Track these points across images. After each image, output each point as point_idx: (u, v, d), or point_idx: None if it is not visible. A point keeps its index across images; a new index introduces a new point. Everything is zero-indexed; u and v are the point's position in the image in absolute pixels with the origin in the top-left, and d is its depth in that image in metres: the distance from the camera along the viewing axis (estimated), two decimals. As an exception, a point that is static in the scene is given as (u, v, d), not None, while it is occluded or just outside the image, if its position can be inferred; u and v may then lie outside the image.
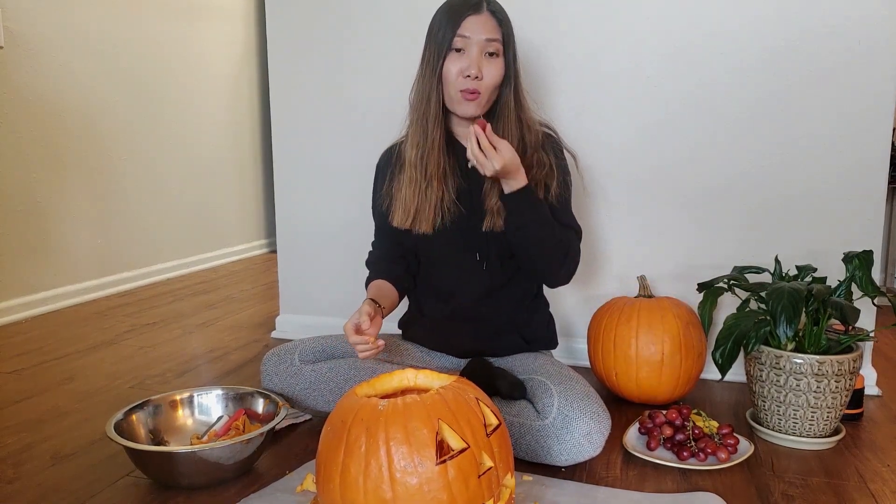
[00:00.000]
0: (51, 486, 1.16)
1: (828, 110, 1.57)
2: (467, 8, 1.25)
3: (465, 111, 1.28)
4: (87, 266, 2.67)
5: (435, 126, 1.30)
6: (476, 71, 1.24)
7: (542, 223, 1.26)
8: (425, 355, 1.49)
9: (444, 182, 1.32)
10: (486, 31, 1.25)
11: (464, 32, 1.24)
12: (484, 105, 1.29)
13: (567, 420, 1.16)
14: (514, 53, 1.30)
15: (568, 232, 1.34)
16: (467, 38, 1.24)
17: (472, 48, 1.24)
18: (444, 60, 1.26)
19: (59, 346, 2.02)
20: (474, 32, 1.24)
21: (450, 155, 1.34)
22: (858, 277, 1.32)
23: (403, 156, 1.35)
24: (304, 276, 2.06)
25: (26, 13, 2.36)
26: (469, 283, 1.39)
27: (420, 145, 1.31)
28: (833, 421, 1.30)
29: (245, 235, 3.76)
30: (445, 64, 1.26)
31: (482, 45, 1.25)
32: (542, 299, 1.50)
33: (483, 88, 1.26)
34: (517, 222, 1.26)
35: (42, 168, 2.45)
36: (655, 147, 1.69)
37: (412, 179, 1.33)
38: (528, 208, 1.24)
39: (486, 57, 1.26)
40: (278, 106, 2.00)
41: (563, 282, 1.36)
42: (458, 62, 1.25)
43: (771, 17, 1.57)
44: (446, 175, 1.32)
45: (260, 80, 3.81)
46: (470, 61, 1.24)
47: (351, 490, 0.83)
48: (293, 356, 1.39)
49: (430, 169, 1.31)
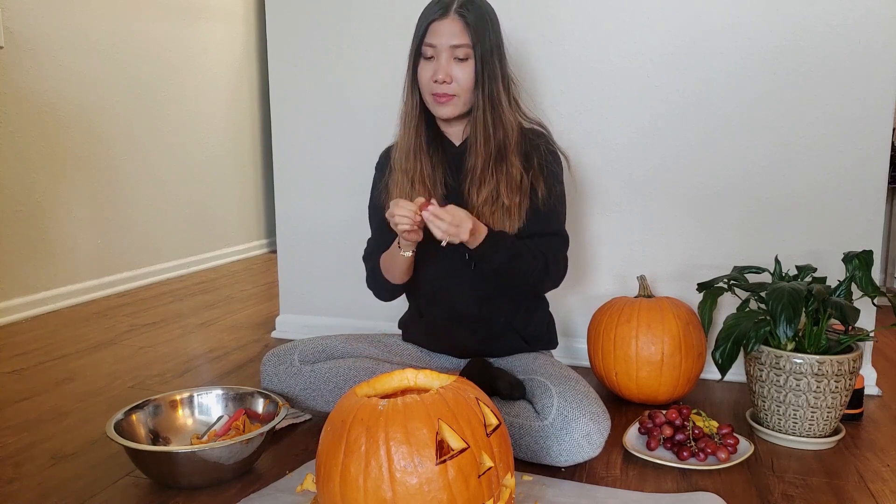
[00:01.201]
0: (51, 486, 1.16)
1: (828, 110, 1.57)
2: (434, 12, 1.26)
3: (440, 113, 1.30)
4: (87, 266, 2.67)
5: (417, 131, 1.33)
6: (443, 76, 1.25)
7: (513, 257, 1.27)
8: (425, 355, 1.49)
9: (429, 185, 1.33)
10: (452, 37, 1.25)
11: (430, 40, 1.26)
12: (460, 107, 1.30)
13: (566, 421, 1.15)
14: (489, 53, 1.27)
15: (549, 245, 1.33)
16: (433, 46, 1.26)
17: (441, 53, 1.26)
18: (416, 67, 1.30)
19: (59, 346, 2.02)
20: (440, 39, 1.25)
21: (435, 156, 1.35)
22: (858, 277, 1.32)
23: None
24: (304, 276, 2.06)
25: (26, 13, 2.36)
26: (461, 285, 1.39)
27: (404, 150, 1.35)
28: (833, 421, 1.30)
29: (245, 235, 3.76)
30: (418, 70, 1.30)
31: (449, 52, 1.25)
32: (542, 299, 1.50)
33: (458, 91, 1.27)
34: (487, 267, 1.28)
35: (42, 168, 2.45)
36: (655, 147, 1.69)
37: (397, 182, 1.35)
38: (492, 254, 1.25)
39: (456, 61, 1.26)
40: (278, 106, 2.00)
41: (550, 289, 1.39)
42: (427, 69, 1.28)
43: (771, 17, 1.57)
44: (432, 178, 1.34)
45: (260, 80, 3.81)
46: (438, 66, 1.26)
47: (351, 490, 0.83)
48: (293, 357, 1.39)
49: (412, 174, 1.33)
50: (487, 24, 1.28)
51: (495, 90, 1.29)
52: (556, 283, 1.36)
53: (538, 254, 1.30)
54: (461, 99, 1.28)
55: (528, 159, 1.33)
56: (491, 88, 1.28)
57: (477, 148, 1.30)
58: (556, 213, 1.36)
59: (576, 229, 1.77)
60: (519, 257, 1.28)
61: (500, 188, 1.29)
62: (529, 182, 1.32)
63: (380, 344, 1.49)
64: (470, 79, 1.27)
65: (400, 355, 1.47)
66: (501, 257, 1.26)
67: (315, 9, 1.91)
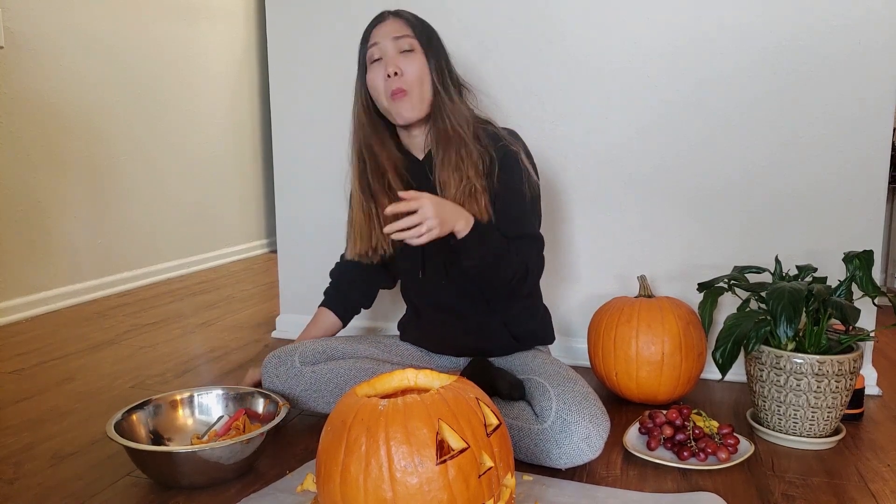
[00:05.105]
0: (51, 486, 1.16)
1: (828, 110, 1.57)
2: (373, 22, 1.33)
3: (400, 113, 1.30)
4: (87, 266, 2.67)
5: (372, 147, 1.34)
6: (394, 67, 1.27)
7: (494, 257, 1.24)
8: (425, 355, 1.49)
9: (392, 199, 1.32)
10: (394, 31, 1.29)
11: (373, 40, 1.30)
12: (417, 104, 1.29)
13: (565, 424, 1.15)
14: (436, 50, 1.31)
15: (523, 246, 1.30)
16: (378, 43, 1.29)
17: (387, 50, 1.29)
18: (366, 74, 1.31)
19: (59, 346, 2.02)
20: (382, 36, 1.29)
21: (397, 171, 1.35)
22: (859, 277, 1.32)
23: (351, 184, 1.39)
24: (304, 276, 2.06)
25: (26, 13, 2.36)
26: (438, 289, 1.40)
27: (360, 170, 1.35)
28: (833, 421, 1.30)
29: (245, 235, 3.76)
30: (368, 76, 1.31)
31: (394, 45, 1.28)
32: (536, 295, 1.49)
33: (408, 85, 1.28)
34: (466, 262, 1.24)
35: (42, 168, 2.45)
36: (655, 146, 1.69)
37: (360, 204, 1.36)
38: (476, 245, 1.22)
39: (403, 55, 1.28)
40: (278, 106, 2.00)
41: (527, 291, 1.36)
42: (378, 69, 1.30)
43: (771, 17, 1.57)
44: (392, 192, 1.33)
45: (260, 80, 3.82)
46: (387, 61, 1.28)
47: (351, 490, 0.83)
48: (294, 358, 1.39)
49: (375, 189, 1.34)
50: (428, 28, 1.33)
51: (450, 87, 1.32)
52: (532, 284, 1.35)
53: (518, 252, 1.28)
54: (414, 94, 1.28)
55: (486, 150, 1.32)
56: (444, 80, 1.31)
57: (447, 136, 1.29)
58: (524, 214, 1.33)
59: (576, 229, 1.78)
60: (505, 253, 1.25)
61: (470, 174, 1.28)
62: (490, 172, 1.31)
63: (380, 344, 1.49)
64: (418, 70, 1.28)
65: (400, 356, 1.47)
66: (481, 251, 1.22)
67: (315, 9, 1.91)
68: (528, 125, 1.72)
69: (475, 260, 1.23)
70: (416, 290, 1.46)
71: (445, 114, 1.30)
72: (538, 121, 1.75)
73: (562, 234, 1.79)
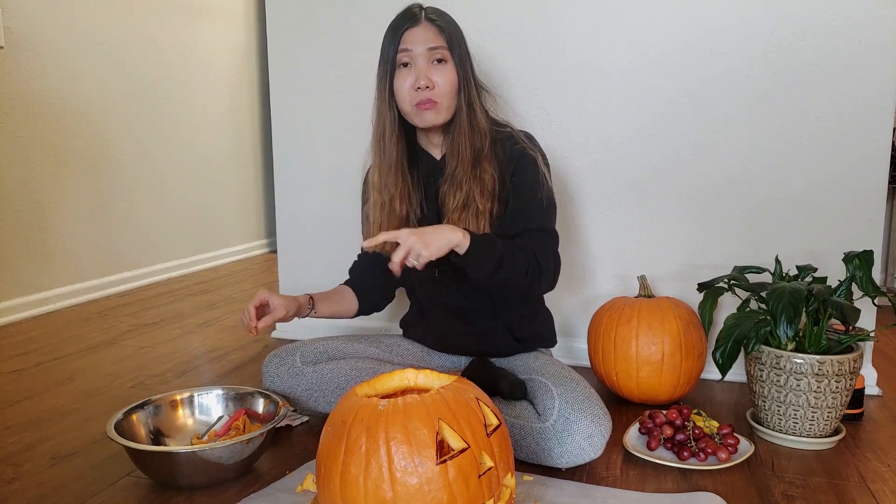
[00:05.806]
0: (51, 486, 1.16)
1: (828, 110, 1.57)
2: (405, 21, 1.26)
3: (424, 121, 1.28)
4: (87, 266, 2.67)
5: (393, 146, 1.31)
6: (425, 81, 1.24)
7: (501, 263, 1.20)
8: (426, 355, 1.49)
9: (408, 200, 1.32)
10: (428, 41, 1.25)
11: (405, 46, 1.25)
12: (444, 112, 1.28)
13: (568, 423, 1.15)
14: (464, 56, 1.28)
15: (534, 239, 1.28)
16: (409, 50, 1.25)
17: (418, 60, 1.25)
18: (392, 78, 1.27)
19: (59, 346, 2.02)
20: (415, 44, 1.25)
21: (414, 172, 1.34)
22: (859, 277, 1.32)
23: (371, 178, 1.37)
24: (304, 276, 2.06)
25: (26, 13, 2.36)
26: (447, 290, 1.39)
27: (381, 168, 1.33)
28: (833, 421, 1.30)
29: (245, 235, 3.76)
30: (395, 81, 1.27)
31: (426, 55, 1.25)
32: (539, 298, 1.49)
33: (439, 97, 1.26)
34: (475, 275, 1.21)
35: (42, 168, 2.45)
36: (655, 146, 1.69)
37: (376, 202, 1.35)
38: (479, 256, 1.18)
39: (434, 65, 1.25)
40: (278, 106, 2.00)
41: (547, 288, 1.31)
42: (406, 77, 1.26)
43: (771, 16, 1.57)
44: (409, 193, 1.33)
45: (260, 80, 3.81)
46: (418, 73, 1.25)
47: (351, 490, 0.83)
48: (294, 357, 1.39)
49: (392, 190, 1.32)
50: (457, 31, 1.29)
51: (473, 94, 1.30)
52: (550, 281, 1.30)
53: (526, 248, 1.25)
54: (443, 105, 1.27)
55: (501, 165, 1.31)
56: (469, 92, 1.29)
57: (460, 151, 1.28)
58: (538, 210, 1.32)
59: (576, 229, 1.77)
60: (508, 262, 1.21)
61: (475, 193, 1.28)
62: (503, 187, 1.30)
63: (381, 344, 1.49)
64: (450, 82, 1.26)
65: (401, 355, 1.47)
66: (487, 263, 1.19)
67: (315, 9, 1.91)
68: (528, 125, 1.72)
69: (483, 271, 1.20)
70: (424, 290, 1.46)
71: (463, 129, 1.28)
72: (538, 121, 1.75)
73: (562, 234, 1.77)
